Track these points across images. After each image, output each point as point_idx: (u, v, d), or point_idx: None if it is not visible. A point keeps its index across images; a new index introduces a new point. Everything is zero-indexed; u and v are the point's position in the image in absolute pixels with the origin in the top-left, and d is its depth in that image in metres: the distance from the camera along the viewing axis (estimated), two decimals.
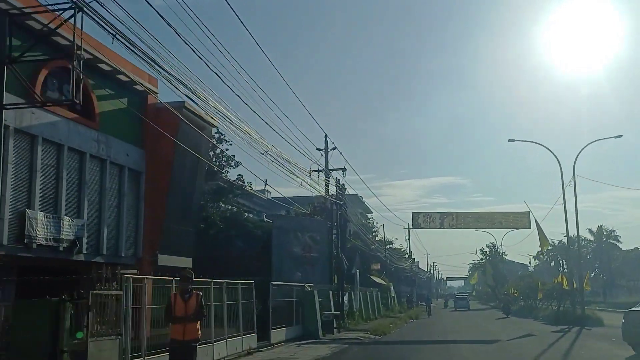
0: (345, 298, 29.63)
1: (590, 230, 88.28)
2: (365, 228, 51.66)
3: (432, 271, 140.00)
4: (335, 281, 28.37)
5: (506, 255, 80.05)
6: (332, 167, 32.54)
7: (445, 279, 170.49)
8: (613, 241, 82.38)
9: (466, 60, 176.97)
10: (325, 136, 32.72)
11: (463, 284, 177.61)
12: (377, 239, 62.47)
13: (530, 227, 35.32)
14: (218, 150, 31.10)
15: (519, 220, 35.42)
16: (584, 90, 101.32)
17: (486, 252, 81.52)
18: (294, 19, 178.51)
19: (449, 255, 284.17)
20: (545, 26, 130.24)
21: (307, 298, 22.77)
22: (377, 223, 63.45)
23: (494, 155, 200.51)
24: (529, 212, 35.53)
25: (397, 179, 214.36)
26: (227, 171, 31.22)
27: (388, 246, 74.33)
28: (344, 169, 33.37)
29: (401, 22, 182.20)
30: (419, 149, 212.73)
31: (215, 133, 27.42)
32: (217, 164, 30.09)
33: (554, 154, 30.13)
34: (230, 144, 30.99)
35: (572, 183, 31.09)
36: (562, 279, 33.27)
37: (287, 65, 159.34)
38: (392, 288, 50.35)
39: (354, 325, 28.49)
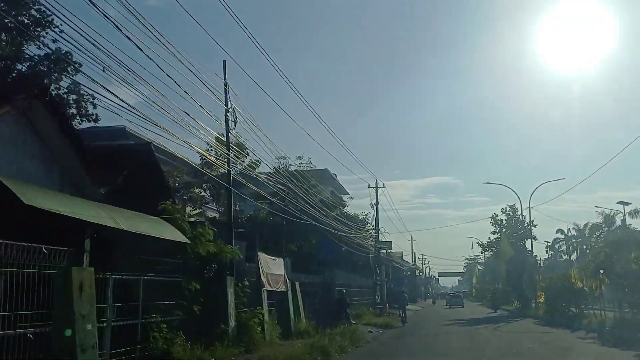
0: None
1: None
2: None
3: (419, 264, 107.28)
4: None
5: (536, 226, 46.56)
6: None
7: (437, 276, 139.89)
8: None
9: (461, 58, 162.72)
10: None
11: (457, 283, 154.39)
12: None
13: None
14: None
15: None
16: (578, 90, 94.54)
17: (501, 221, 48.00)
18: (284, 15, 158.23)
19: (435, 235, 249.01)
20: (541, 25, 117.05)
21: None
22: None
23: (487, 155, 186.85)
24: None
25: (391, 179, 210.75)
26: None
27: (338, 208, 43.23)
28: None
29: (394, 19, 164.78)
30: (412, 148, 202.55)
31: None
32: None
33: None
34: None
35: None
36: None
37: (278, 62, 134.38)
38: (285, 266, 17.57)
39: None
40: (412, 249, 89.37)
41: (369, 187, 51.76)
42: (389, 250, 67.16)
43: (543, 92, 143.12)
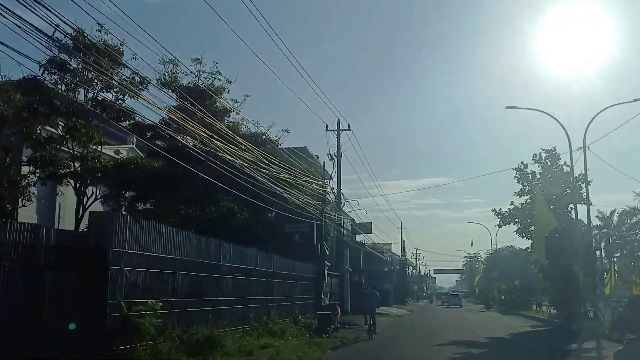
0: None
1: None
2: None
3: (413, 260, 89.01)
4: None
5: (590, 183, 27.75)
6: None
7: (432, 274, 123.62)
8: None
9: (461, 58, 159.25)
10: None
11: (455, 283, 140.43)
12: None
13: None
14: None
15: None
16: (578, 90, 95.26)
17: (532, 174, 29.17)
18: (285, 15, 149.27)
19: (433, 234, 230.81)
20: (541, 26, 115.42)
21: None
22: None
23: (486, 156, 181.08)
24: None
25: (389, 179, 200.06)
26: None
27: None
28: None
29: (394, 19, 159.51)
30: (412, 148, 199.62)
31: None
32: None
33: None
34: None
35: None
36: None
37: (279, 61, 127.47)
38: None
39: None
40: (401, 237, 70.87)
41: (326, 129, 33.53)
42: (371, 238, 49.25)
43: (543, 92, 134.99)
